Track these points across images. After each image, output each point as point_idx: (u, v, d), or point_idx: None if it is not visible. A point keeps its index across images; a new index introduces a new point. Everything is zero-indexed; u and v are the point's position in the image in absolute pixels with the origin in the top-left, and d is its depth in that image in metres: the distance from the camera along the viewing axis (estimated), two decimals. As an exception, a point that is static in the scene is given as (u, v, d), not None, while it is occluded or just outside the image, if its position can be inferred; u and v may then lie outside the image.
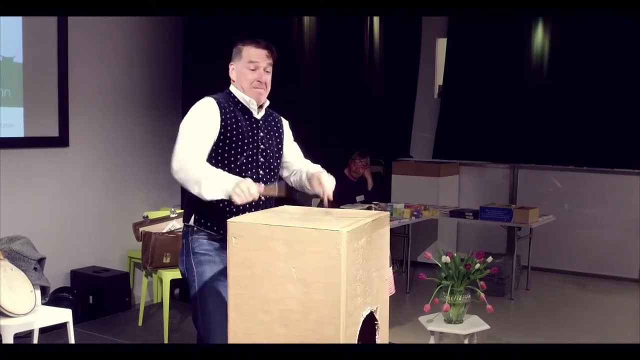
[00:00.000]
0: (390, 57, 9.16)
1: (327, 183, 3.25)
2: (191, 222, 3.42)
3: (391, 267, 3.09)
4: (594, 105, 8.34)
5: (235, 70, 3.48)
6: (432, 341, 4.61)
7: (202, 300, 3.30)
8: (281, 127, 3.64)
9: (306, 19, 7.71)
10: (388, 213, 2.99)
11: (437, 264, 4.59)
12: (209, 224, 3.38)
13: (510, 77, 8.84)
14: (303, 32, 7.81)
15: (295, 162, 3.63)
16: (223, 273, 3.24)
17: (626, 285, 7.85)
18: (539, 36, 8.64)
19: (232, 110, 3.40)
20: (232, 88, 3.50)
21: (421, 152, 9.52)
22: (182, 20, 6.61)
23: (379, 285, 2.88)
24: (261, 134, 3.47)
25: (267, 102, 3.54)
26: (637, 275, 7.99)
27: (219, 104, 3.37)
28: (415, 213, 7.24)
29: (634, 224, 7.97)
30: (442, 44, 9.48)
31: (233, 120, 3.37)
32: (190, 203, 3.42)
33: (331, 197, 3.14)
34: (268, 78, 3.46)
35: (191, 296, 3.38)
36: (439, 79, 9.62)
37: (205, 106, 3.36)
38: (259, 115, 3.50)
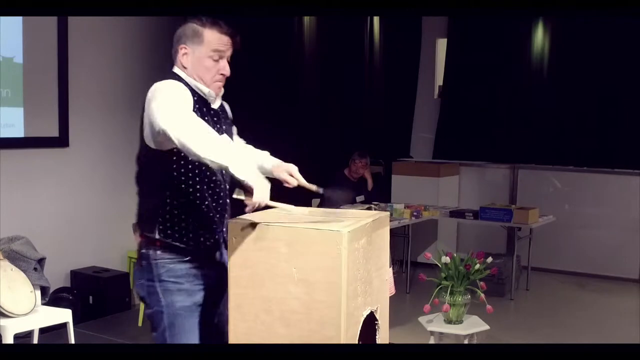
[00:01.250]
0: (390, 58, 9.15)
1: (297, 172, 2.90)
2: (156, 234, 2.83)
3: (391, 268, 3.09)
4: (594, 106, 8.34)
5: (190, 55, 2.89)
6: (432, 341, 4.62)
7: (173, 333, 2.83)
8: (229, 114, 3.15)
9: (306, 19, 7.71)
10: (388, 213, 2.99)
11: (437, 264, 4.60)
12: (177, 235, 2.83)
13: (510, 77, 8.83)
14: (303, 32, 7.80)
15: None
16: (196, 303, 2.88)
17: (626, 286, 7.84)
18: (539, 36, 8.63)
19: (195, 99, 2.86)
20: (182, 74, 2.90)
21: (421, 152, 9.52)
22: (182, 20, 6.59)
23: (379, 285, 2.88)
24: (223, 126, 3.01)
25: (222, 91, 3.02)
26: (637, 275, 7.99)
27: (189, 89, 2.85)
28: (415, 213, 7.24)
29: (634, 224, 7.97)
30: (442, 44, 9.47)
31: (197, 109, 2.84)
32: (155, 209, 2.85)
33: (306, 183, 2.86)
34: (228, 68, 2.94)
35: (156, 326, 2.87)
36: (439, 79, 9.62)
37: (178, 85, 2.79)
38: (216, 104, 3.00)
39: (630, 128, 8.17)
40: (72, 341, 4.68)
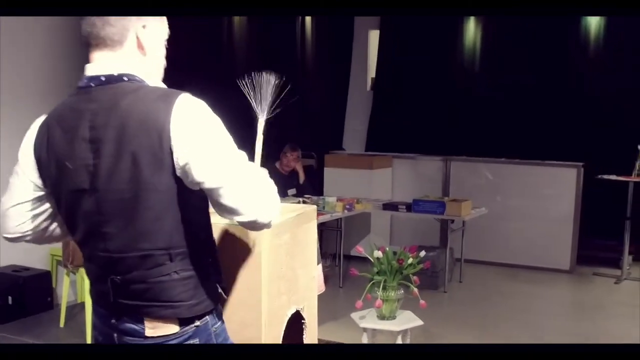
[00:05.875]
0: (322, 50, 9.03)
1: None
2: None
3: (320, 264, 2.94)
4: (526, 98, 8.39)
5: (151, 33, 2.02)
6: (364, 338, 4.48)
7: None
8: None
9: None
10: (315, 207, 2.85)
11: (370, 258, 4.45)
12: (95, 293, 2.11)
13: (443, 70, 8.82)
14: (233, 23, 7.64)
15: None
16: None
17: (557, 276, 7.88)
18: (471, 29, 8.63)
19: None
20: (138, 68, 2.00)
21: (354, 144, 9.44)
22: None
23: (306, 282, 2.74)
24: None
25: None
26: (568, 266, 8.03)
27: None
28: (347, 207, 7.12)
29: (566, 216, 8.01)
30: (374, 36, 9.40)
31: None
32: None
33: None
34: None
35: None
36: (372, 72, 9.56)
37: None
38: None
39: (561, 120, 8.23)
40: (-15, 346, 4.43)
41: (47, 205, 2.10)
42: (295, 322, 2.67)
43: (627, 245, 7.65)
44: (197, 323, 2.00)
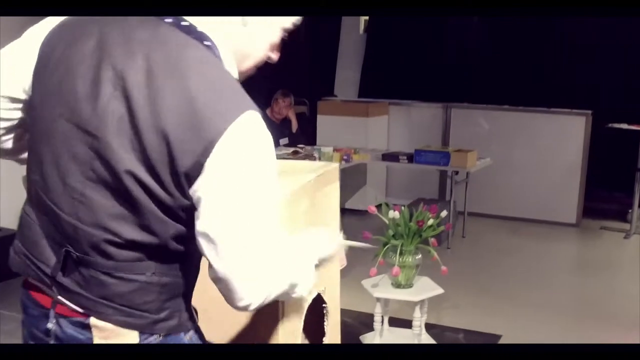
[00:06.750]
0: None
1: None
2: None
3: (342, 232, 2.44)
4: (530, 43, 7.94)
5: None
6: (378, 308, 3.99)
7: None
8: None
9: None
10: (337, 165, 2.36)
11: (367, 210, 3.93)
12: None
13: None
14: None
15: None
16: None
17: (564, 230, 7.48)
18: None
19: None
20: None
21: (345, 91, 8.95)
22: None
23: (327, 258, 2.25)
24: None
25: None
26: (575, 220, 7.63)
27: None
28: (345, 157, 6.64)
29: (573, 167, 7.56)
30: (368, -26, 8.86)
31: None
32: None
33: None
34: None
35: None
36: (365, 13, 9.08)
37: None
38: None
39: (569, 65, 7.81)
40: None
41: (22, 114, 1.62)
42: (315, 306, 2.20)
43: (637, 198, 7.23)
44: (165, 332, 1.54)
